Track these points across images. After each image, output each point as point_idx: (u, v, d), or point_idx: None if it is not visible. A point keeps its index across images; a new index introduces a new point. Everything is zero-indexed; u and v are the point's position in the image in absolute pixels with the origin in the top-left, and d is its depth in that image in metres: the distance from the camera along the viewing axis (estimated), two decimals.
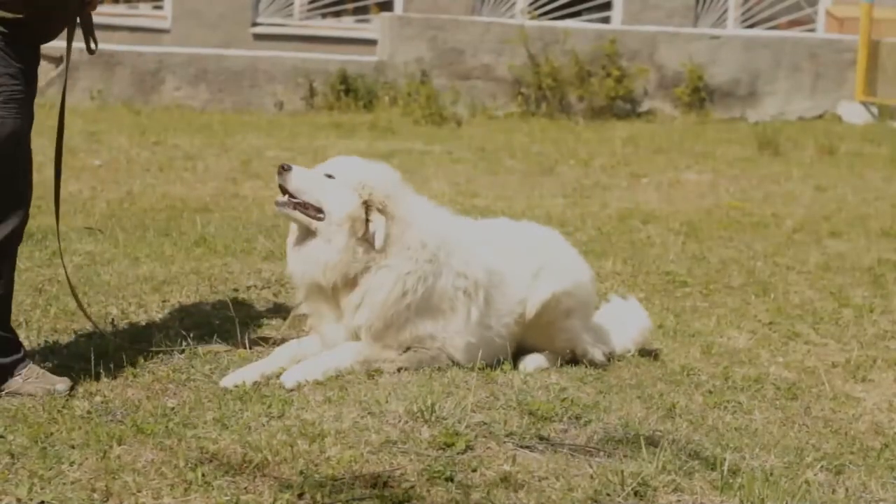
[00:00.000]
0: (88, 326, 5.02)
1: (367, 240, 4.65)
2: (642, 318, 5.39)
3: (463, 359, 4.78)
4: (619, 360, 5.18)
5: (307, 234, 4.73)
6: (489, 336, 4.85)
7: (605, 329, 5.29)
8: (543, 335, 4.96)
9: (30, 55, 4.26)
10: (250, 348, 4.93)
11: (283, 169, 4.74)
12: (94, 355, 4.57)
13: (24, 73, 4.20)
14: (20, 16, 4.12)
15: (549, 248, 5.09)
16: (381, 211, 4.66)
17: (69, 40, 4.53)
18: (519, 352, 4.97)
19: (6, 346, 4.31)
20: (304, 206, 4.70)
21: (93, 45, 4.53)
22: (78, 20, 4.46)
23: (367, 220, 4.65)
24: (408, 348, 4.73)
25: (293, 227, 4.83)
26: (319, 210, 4.68)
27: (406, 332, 4.71)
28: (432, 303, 4.74)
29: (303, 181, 4.72)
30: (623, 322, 5.35)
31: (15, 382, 4.27)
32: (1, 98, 4.14)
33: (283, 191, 4.75)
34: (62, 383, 4.30)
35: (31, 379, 4.28)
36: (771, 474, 3.80)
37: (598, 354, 5.09)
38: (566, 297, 4.94)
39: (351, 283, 4.68)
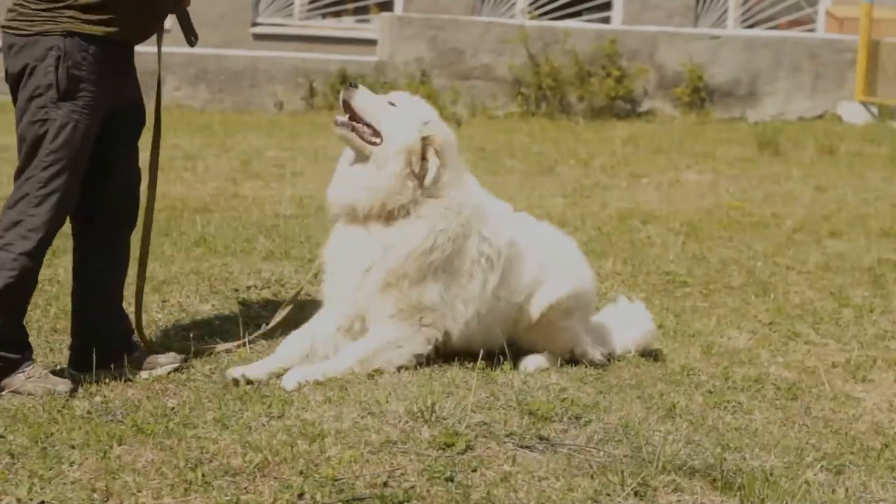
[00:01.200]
0: None
1: (418, 176, 4.69)
2: (647, 321, 5.38)
3: (461, 332, 4.76)
4: (619, 361, 5.18)
5: (359, 160, 4.75)
6: (498, 308, 4.85)
7: (607, 329, 5.29)
8: (544, 336, 4.96)
9: (121, 57, 4.40)
10: (250, 348, 4.93)
11: (351, 85, 4.80)
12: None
13: (109, 79, 4.32)
14: (114, 29, 4.29)
15: (558, 247, 5.11)
16: (438, 153, 4.70)
17: (159, 41, 4.65)
18: (519, 352, 4.97)
19: (18, 344, 4.36)
20: (361, 130, 4.73)
21: (193, 38, 4.73)
22: (176, 17, 4.65)
23: (423, 158, 4.69)
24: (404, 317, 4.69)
25: (346, 153, 4.86)
26: (377, 134, 4.72)
27: (417, 291, 4.68)
28: (454, 266, 4.74)
29: (368, 101, 4.77)
30: (628, 323, 5.35)
31: (17, 380, 4.29)
32: (80, 102, 4.25)
33: (346, 108, 4.78)
34: (63, 384, 4.31)
35: (34, 378, 4.30)
36: (771, 474, 3.80)
37: (597, 355, 5.09)
38: (569, 300, 4.94)
39: (386, 217, 4.69)
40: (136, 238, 4.74)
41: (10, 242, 4.23)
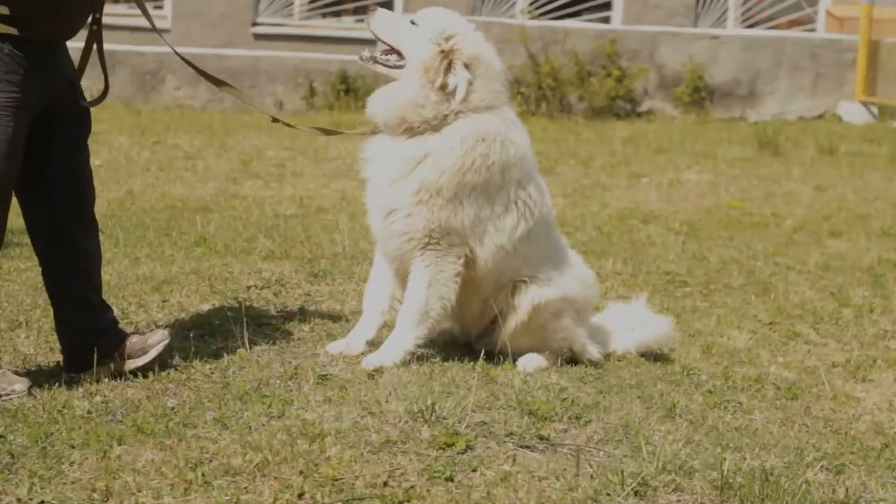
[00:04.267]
0: None
1: (443, 90, 4.67)
2: (662, 325, 5.37)
3: (488, 256, 4.78)
4: (619, 361, 5.18)
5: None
6: (514, 263, 4.86)
7: (608, 329, 5.29)
8: (538, 336, 4.95)
9: (41, 56, 4.18)
10: (250, 348, 4.93)
11: (370, 9, 4.82)
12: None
13: (28, 79, 4.13)
14: (26, 27, 4.09)
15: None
16: (467, 66, 4.67)
17: (88, 38, 4.46)
18: (519, 352, 4.97)
19: None
20: (384, 60, 4.76)
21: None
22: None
23: (448, 71, 4.66)
24: (434, 243, 4.72)
25: None
26: (400, 56, 4.75)
27: (449, 210, 4.69)
28: (490, 194, 4.74)
29: (386, 24, 4.78)
30: (643, 322, 5.33)
31: None
32: None
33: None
34: (20, 383, 4.26)
35: None
36: (771, 474, 3.80)
37: (595, 353, 5.10)
38: (558, 302, 4.94)
39: (408, 131, 4.71)
40: (135, 238, 4.72)
41: None
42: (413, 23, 4.78)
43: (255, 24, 16.51)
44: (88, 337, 4.46)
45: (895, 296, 6.82)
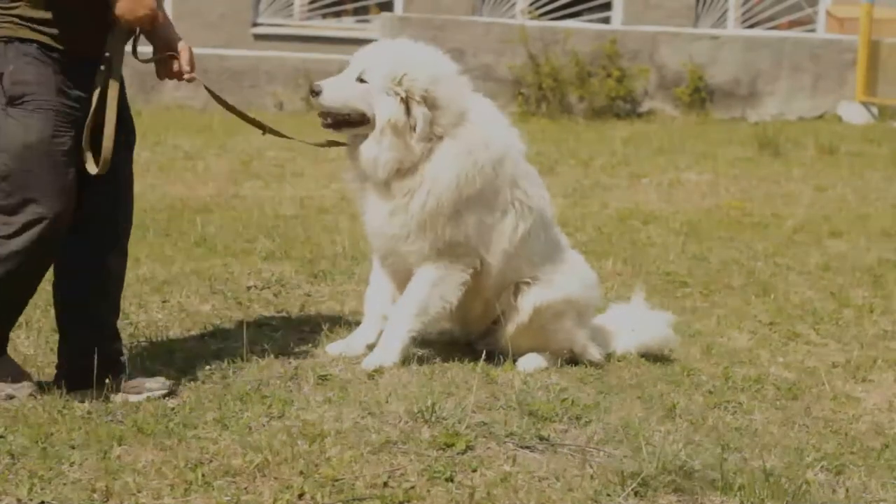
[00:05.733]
0: None
1: (415, 131, 4.62)
2: (662, 326, 5.37)
3: (497, 262, 4.79)
4: (619, 361, 5.18)
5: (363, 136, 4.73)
6: (516, 264, 4.86)
7: (608, 329, 5.29)
8: (540, 337, 4.96)
9: (75, 68, 4.11)
10: (250, 349, 4.93)
11: (314, 93, 4.71)
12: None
13: (63, 86, 4.06)
14: (71, 34, 4.04)
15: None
16: (424, 100, 4.61)
17: (112, 47, 4.29)
18: (519, 353, 4.97)
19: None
20: (347, 121, 4.70)
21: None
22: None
23: (410, 115, 4.61)
24: (444, 253, 4.72)
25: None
26: (363, 115, 4.68)
27: (452, 226, 4.69)
28: (487, 199, 4.73)
29: (336, 97, 4.70)
30: (643, 323, 5.33)
31: None
32: (30, 106, 4.02)
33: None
34: (23, 389, 4.19)
35: None
36: (771, 474, 3.80)
37: (596, 353, 5.11)
38: (560, 304, 4.94)
39: (408, 171, 4.67)
40: (135, 238, 4.67)
41: None
42: (361, 79, 4.68)
43: (255, 25, 16.51)
44: (88, 359, 4.24)
45: (895, 296, 6.82)
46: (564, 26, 16.17)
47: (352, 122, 4.71)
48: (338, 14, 17.13)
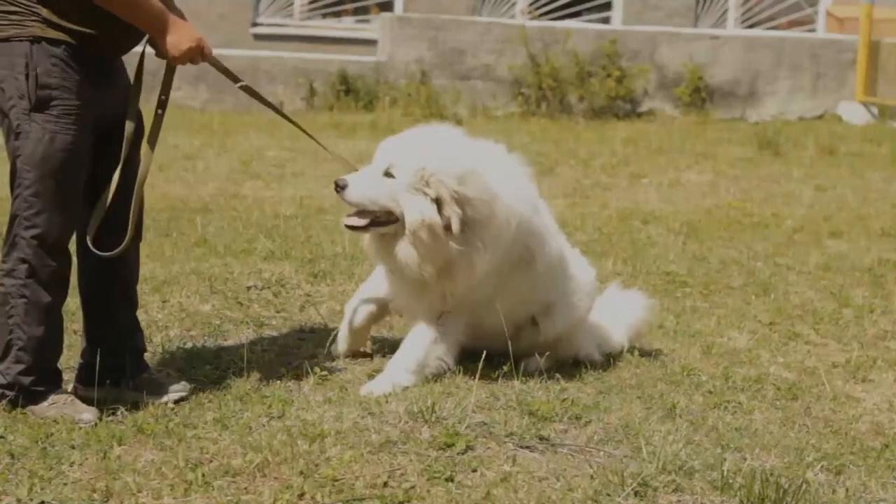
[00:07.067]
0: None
1: (449, 230, 4.43)
2: (638, 309, 5.41)
3: (511, 309, 4.76)
4: (619, 361, 5.19)
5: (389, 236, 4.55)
6: (529, 307, 4.87)
7: (603, 327, 5.31)
8: (549, 347, 4.98)
9: (98, 68, 4.11)
10: (250, 349, 4.93)
11: (339, 188, 4.47)
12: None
13: (87, 87, 4.05)
14: (98, 32, 4.02)
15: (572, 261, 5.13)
16: (456, 201, 4.43)
17: (164, 87, 4.40)
18: (519, 353, 4.97)
19: (46, 375, 4.18)
20: (376, 221, 4.50)
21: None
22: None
23: (442, 214, 4.43)
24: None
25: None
26: (390, 212, 4.48)
27: (476, 295, 4.65)
28: (502, 267, 4.66)
29: (363, 194, 4.46)
30: (620, 313, 5.37)
31: (41, 407, 4.09)
32: (55, 112, 3.98)
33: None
34: (88, 413, 4.08)
35: (58, 404, 4.10)
36: (771, 474, 3.80)
37: (596, 354, 5.16)
38: (570, 328, 5.01)
39: (446, 266, 4.52)
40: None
41: (13, 268, 4.04)
42: (389, 174, 4.49)
43: (255, 25, 16.50)
44: (112, 354, 4.28)
45: (895, 296, 6.82)
46: (564, 26, 16.18)
47: (379, 222, 4.50)
48: (338, 14, 17.13)
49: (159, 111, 4.33)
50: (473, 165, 4.53)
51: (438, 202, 4.43)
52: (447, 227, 4.43)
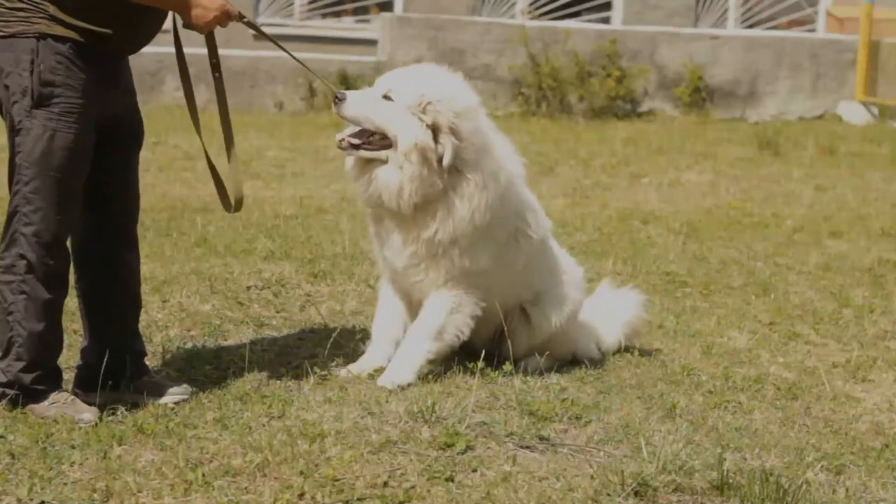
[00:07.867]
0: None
1: (440, 163, 4.45)
2: (634, 306, 5.41)
3: (503, 289, 4.77)
4: (619, 361, 5.19)
5: (377, 160, 4.54)
6: (520, 290, 4.86)
7: (598, 324, 5.32)
8: (543, 349, 4.98)
9: (103, 67, 4.10)
10: (250, 348, 4.93)
11: (338, 98, 4.51)
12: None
13: (90, 86, 4.04)
14: (108, 31, 4.02)
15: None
16: (452, 131, 4.45)
17: (177, 46, 4.43)
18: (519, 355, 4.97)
19: (47, 373, 4.16)
20: (367, 142, 4.52)
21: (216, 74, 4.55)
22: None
23: (437, 143, 4.44)
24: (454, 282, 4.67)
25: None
26: (384, 136, 4.50)
27: (466, 257, 4.61)
28: (494, 230, 4.65)
29: (359, 108, 4.50)
30: (613, 312, 5.38)
31: (41, 406, 4.09)
32: (56, 109, 3.98)
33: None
34: (89, 413, 4.08)
35: (58, 403, 4.09)
36: (771, 474, 3.80)
37: (593, 351, 5.17)
38: (563, 323, 4.99)
39: (426, 205, 4.52)
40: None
41: (12, 264, 4.03)
42: (387, 97, 4.51)
43: None
44: (112, 357, 4.26)
45: (895, 296, 6.82)
46: (564, 26, 16.17)
47: (371, 147, 4.53)
48: (338, 14, 17.13)
49: (216, 75, 4.44)
50: (472, 104, 4.61)
51: (434, 130, 4.46)
52: (439, 160, 4.46)
